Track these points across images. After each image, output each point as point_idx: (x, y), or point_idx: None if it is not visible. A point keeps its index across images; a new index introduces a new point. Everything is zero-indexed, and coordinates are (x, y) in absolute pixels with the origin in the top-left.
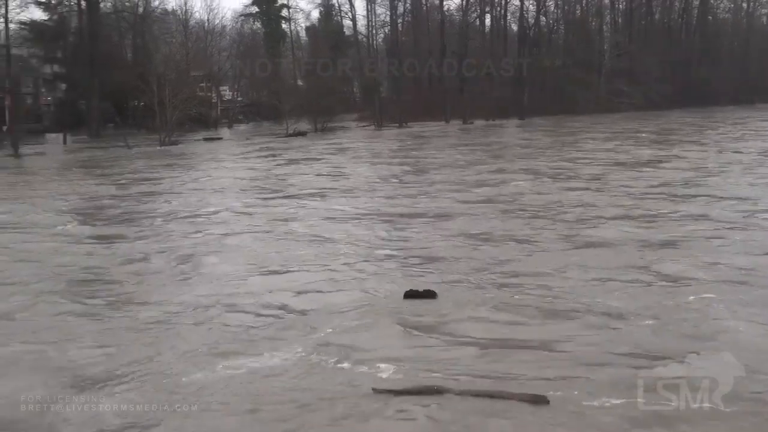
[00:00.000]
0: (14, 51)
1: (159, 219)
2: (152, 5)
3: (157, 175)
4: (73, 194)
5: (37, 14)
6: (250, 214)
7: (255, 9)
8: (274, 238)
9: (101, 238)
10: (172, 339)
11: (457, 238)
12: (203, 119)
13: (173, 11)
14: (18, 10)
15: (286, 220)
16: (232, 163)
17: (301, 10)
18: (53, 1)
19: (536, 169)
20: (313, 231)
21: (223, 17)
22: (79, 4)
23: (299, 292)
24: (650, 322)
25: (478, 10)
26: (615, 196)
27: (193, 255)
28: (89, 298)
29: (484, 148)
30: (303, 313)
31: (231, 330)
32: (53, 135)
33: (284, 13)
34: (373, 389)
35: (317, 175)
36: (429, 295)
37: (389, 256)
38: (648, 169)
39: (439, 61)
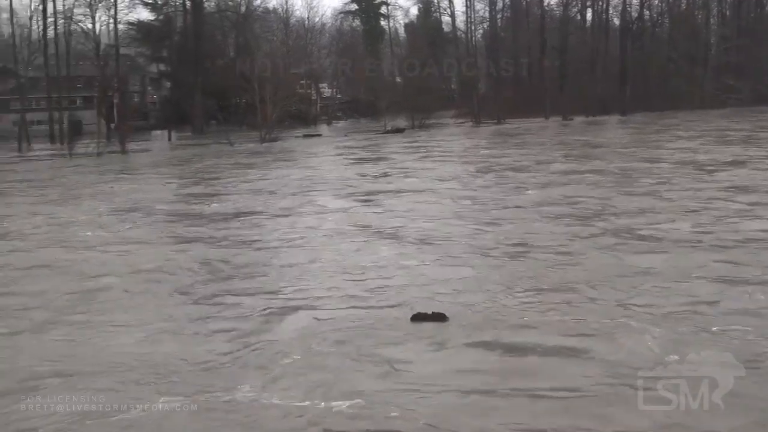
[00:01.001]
0: (122, 51)
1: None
2: (254, 4)
3: (263, 171)
4: (187, 189)
5: (145, 15)
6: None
7: (354, 6)
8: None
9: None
10: None
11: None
12: (302, 116)
13: (274, 10)
14: (126, 11)
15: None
16: (334, 159)
17: (400, 7)
18: (160, 2)
19: (604, 169)
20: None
21: (323, 15)
22: (184, 4)
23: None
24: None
25: (579, 5)
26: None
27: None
28: None
29: (567, 146)
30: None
31: None
32: (159, 132)
33: (383, 10)
34: None
35: (402, 171)
36: (438, 318)
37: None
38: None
39: (539, 57)
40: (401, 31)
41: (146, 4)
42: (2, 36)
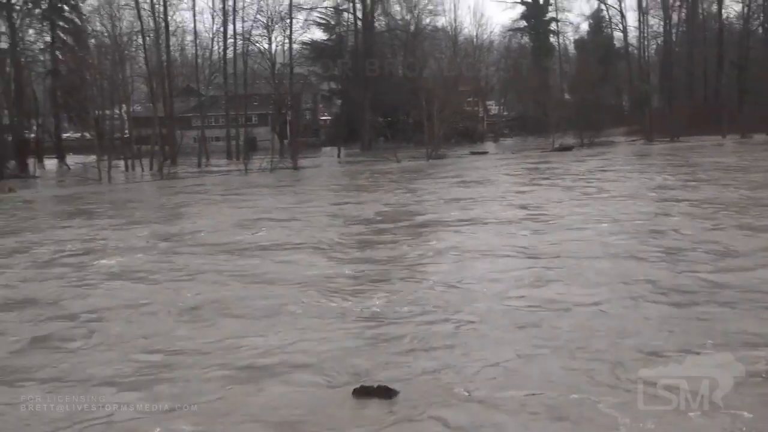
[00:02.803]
0: (296, 69)
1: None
2: (423, 23)
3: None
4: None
5: (318, 35)
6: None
7: (523, 23)
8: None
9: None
10: None
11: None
12: (469, 133)
13: (443, 28)
14: (301, 32)
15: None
16: (508, 178)
17: (570, 23)
18: (333, 23)
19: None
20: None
21: (491, 32)
22: (355, 24)
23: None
24: None
25: (762, 18)
26: None
27: None
28: None
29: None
30: None
31: None
32: (328, 148)
33: (553, 26)
34: None
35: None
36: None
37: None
38: None
39: (716, 72)
40: (571, 47)
41: (320, 25)
42: (186, 57)
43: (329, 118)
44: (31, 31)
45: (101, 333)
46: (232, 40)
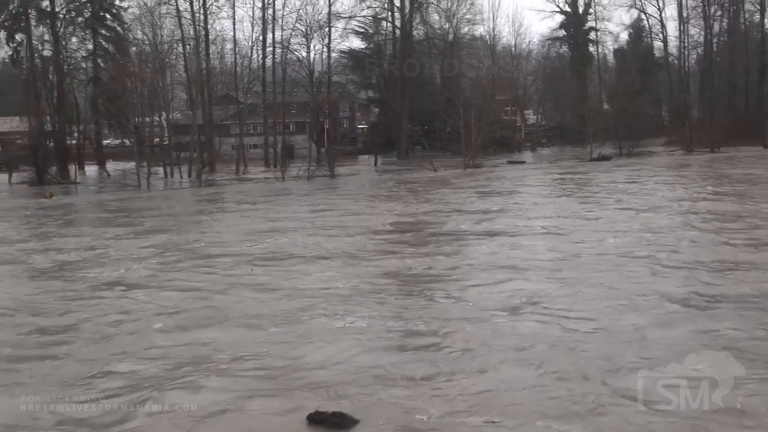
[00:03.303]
0: (334, 78)
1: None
2: (462, 32)
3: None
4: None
5: (356, 43)
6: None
7: (562, 32)
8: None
9: None
10: None
11: None
12: (506, 143)
13: (481, 37)
14: (339, 40)
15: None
16: (546, 189)
17: (610, 32)
18: (371, 31)
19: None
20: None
21: (529, 42)
22: (394, 33)
23: None
24: None
25: None
26: None
27: None
28: None
29: None
30: None
31: None
32: (365, 156)
33: (592, 35)
34: None
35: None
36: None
37: None
38: None
39: (758, 82)
40: (610, 56)
41: (358, 34)
42: (225, 65)
43: (366, 126)
44: (73, 39)
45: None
46: (271, 49)
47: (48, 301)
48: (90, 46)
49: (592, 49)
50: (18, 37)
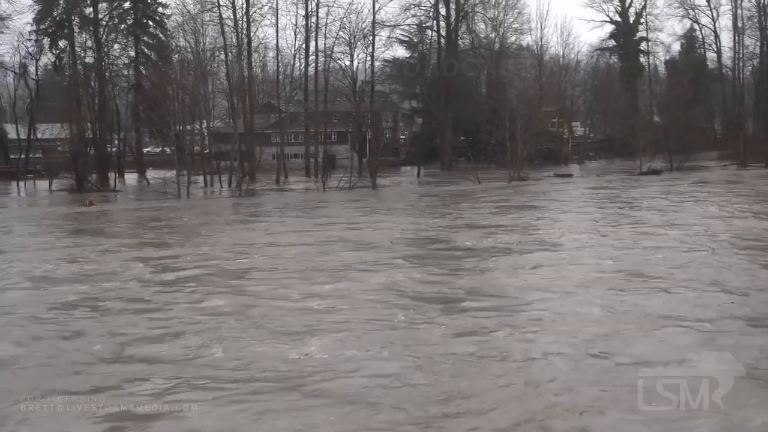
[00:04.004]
0: (377, 87)
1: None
2: (508, 41)
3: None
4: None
5: (400, 52)
6: None
7: (612, 42)
8: None
9: None
10: None
11: None
12: (553, 155)
13: (528, 47)
14: (383, 49)
15: None
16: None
17: (662, 42)
18: (415, 40)
19: None
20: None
21: (578, 52)
22: (438, 42)
23: None
24: None
25: None
26: None
27: None
28: None
29: None
30: None
31: None
32: (408, 168)
33: (643, 46)
34: None
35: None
36: None
37: None
38: None
39: None
40: (661, 67)
41: (402, 42)
42: (267, 73)
43: (409, 136)
44: (116, 46)
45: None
46: (313, 57)
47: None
48: (132, 53)
49: (642, 59)
50: (61, 43)
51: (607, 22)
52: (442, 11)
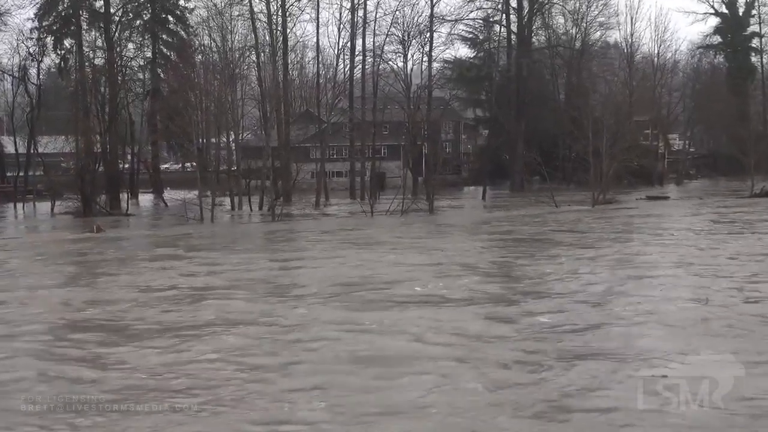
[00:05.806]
0: (435, 93)
1: None
2: (592, 38)
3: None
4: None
5: (462, 52)
6: None
7: (717, 39)
8: None
9: None
10: None
11: None
12: (645, 173)
13: (616, 44)
14: (442, 48)
15: None
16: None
17: None
18: (481, 37)
19: None
20: None
21: (676, 51)
22: (509, 39)
23: None
24: None
25: None
26: None
27: None
28: None
29: None
30: None
31: None
32: (471, 188)
33: (755, 42)
34: None
35: None
36: None
37: None
38: None
39: None
40: None
41: (465, 40)
42: (306, 77)
43: (473, 152)
44: (130, 45)
45: None
46: (360, 58)
47: None
48: (149, 54)
49: (754, 59)
50: (66, 42)
51: (711, 14)
52: (513, 3)
